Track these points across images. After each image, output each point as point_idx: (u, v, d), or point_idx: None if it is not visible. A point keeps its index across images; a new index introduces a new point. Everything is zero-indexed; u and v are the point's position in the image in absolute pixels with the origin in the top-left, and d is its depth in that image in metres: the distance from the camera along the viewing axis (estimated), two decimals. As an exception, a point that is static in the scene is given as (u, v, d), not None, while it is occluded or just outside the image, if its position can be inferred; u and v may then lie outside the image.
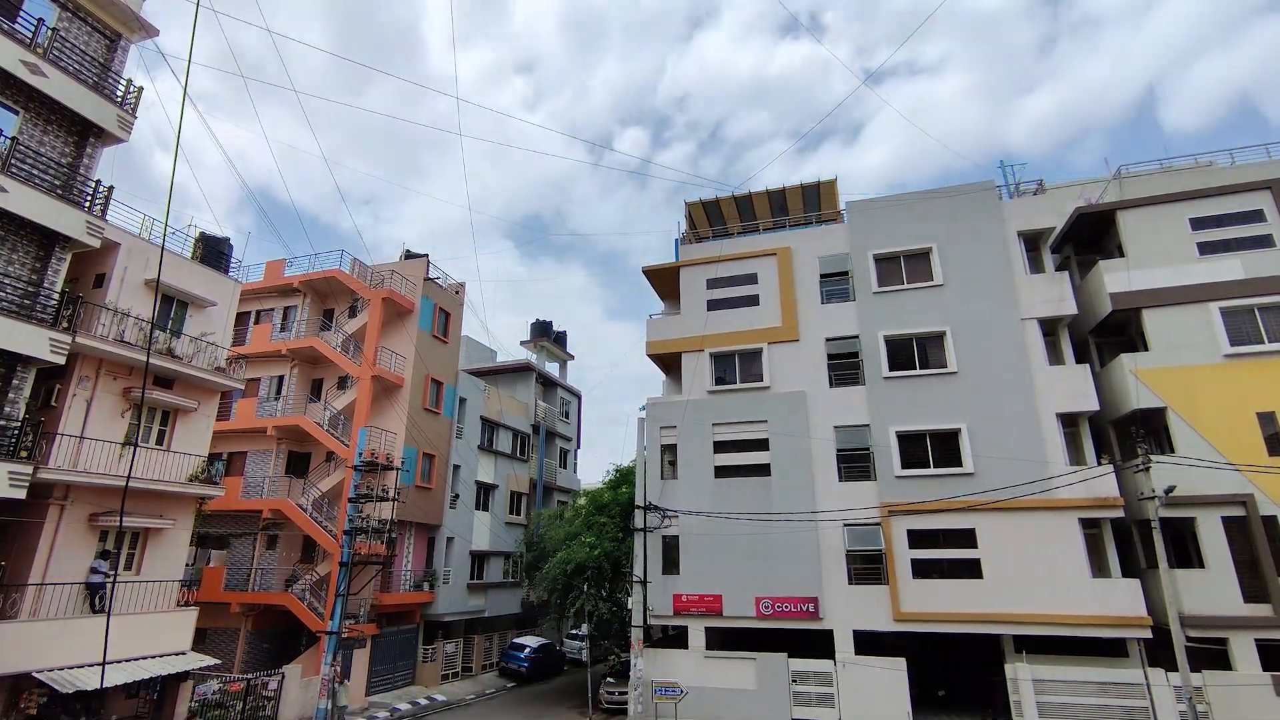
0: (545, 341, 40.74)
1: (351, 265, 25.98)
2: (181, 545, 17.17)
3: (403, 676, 24.52)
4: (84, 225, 14.28)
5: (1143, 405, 18.32)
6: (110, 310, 15.63)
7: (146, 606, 15.74)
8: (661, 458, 22.57)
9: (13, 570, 14.01)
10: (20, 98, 13.87)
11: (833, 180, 24.47)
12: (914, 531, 19.11)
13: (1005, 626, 17.74)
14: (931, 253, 21.27)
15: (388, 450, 23.82)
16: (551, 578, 23.37)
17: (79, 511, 14.87)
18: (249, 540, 24.19)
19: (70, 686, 12.80)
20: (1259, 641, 16.29)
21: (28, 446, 13.39)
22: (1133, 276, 19.55)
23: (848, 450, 20.49)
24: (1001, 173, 22.57)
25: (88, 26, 15.25)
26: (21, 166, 13.61)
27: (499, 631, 30.98)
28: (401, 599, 24.47)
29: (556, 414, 38.52)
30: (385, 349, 25.59)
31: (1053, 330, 20.27)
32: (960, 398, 19.67)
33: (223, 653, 21.78)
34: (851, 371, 21.33)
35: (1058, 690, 17.00)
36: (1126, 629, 16.93)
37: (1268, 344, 18.01)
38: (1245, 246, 18.98)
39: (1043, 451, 18.47)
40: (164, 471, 16.47)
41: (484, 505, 30.41)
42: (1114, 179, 21.39)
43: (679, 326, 23.75)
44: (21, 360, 13.45)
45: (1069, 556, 17.67)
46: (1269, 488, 16.90)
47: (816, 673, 18.84)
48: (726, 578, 20.22)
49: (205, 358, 17.77)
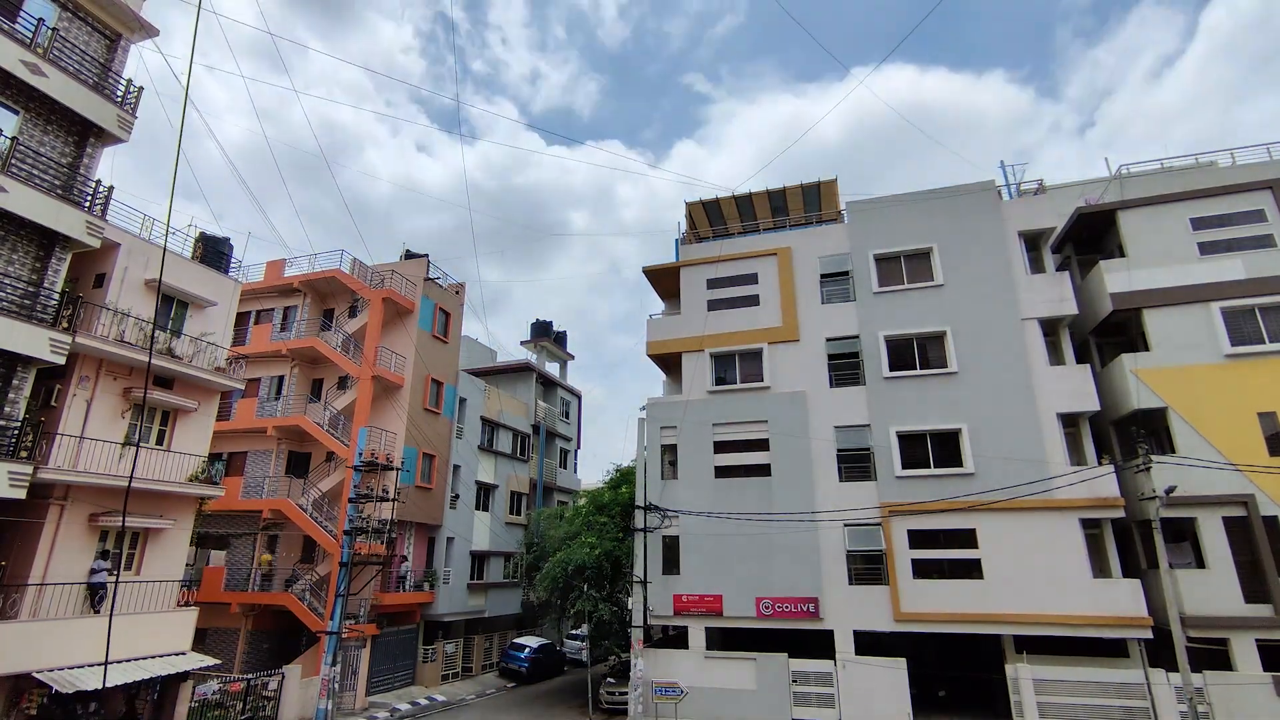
0: (545, 342, 40.75)
1: (351, 265, 25.97)
2: (181, 545, 17.16)
3: (403, 677, 24.51)
4: (84, 225, 14.28)
5: (1143, 405, 18.31)
6: (110, 310, 15.63)
7: (146, 606, 15.73)
8: (662, 458, 22.56)
9: (13, 570, 14.01)
10: (20, 98, 13.86)
11: (833, 180, 24.45)
12: (914, 531, 19.10)
13: (1006, 627, 17.74)
14: (932, 253, 21.26)
15: (388, 450, 23.83)
16: (552, 578, 23.36)
17: (79, 511, 14.86)
18: (249, 540, 24.20)
19: (70, 686, 12.79)
20: (1260, 642, 16.28)
21: (28, 446, 13.39)
22: (1133, 276, 19.54)
23: (848, 450, 20.47)
24: (1002, 172, 22.57)
25: (88, 26, 15.24)
26: (21, 166, 13.61)
27: (499, 632, 30.96)
28: (401, 599, 24.46)
29: (556, 414, 38.51)
30: (385, 349, 25.59)
31: (1053, 330, 20.26)
32: (961, 398, 19.66)
33: (223, 653, 21.79)
34: (852, 371, 21.32)
35: (1058, 690, 16.99)
36: (1127, 629, 16.93)
37: (1268, 344, 18.00)
38: (1246, 246, 18.97)
39: (1043, 451, 18.46)
40: (164, 471, 16.46)
41: (484, 505, 30.40)
42: (1114, 179, 21.37)
43: (679, 326, 23.74)
44: (21, 360, 13.45)
45: (1070, 556, 17.67)
46: (1269, 488, 16.90)
47: (817, 673, 18.83)
48: (727, 578, 20.21)
49: (205, 358, 17.75)
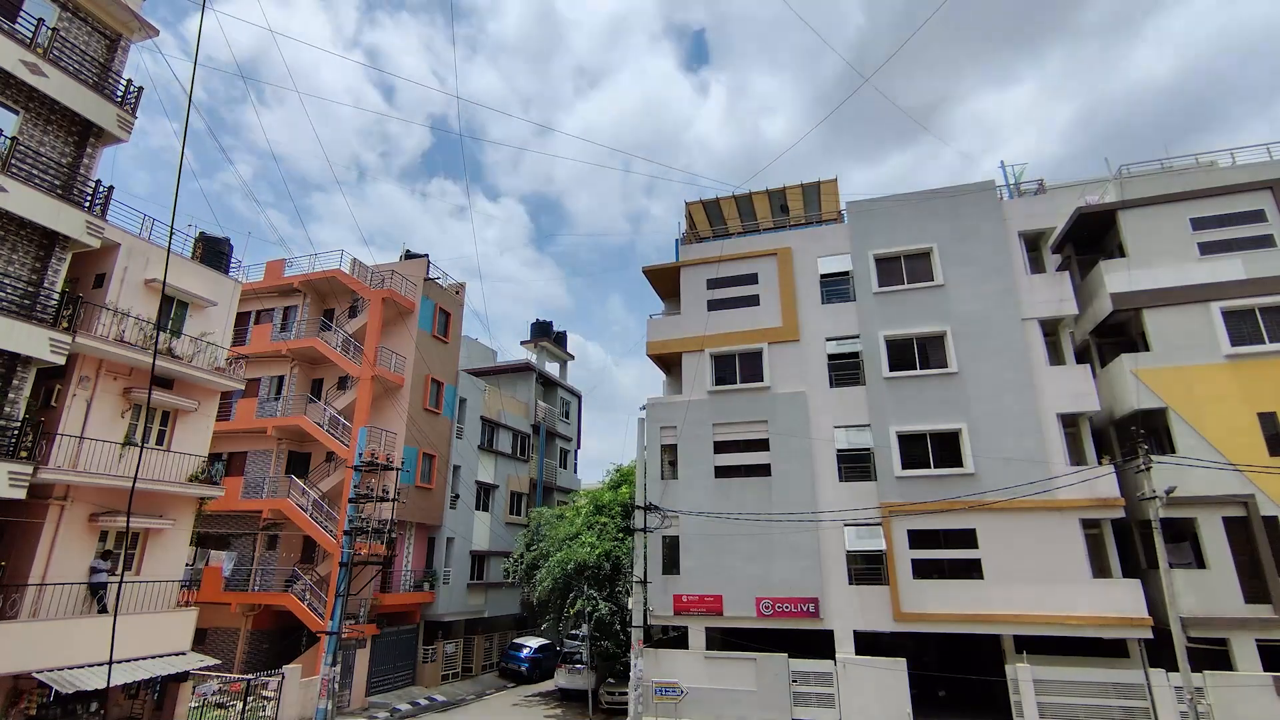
0: (545, 342, 40.74)
1: (351, 265, 25.96)
2: (181, 545, 17.16)
3: (403, 677, 24.51)
4: (84, 225, 14.27)
5: (1143, 405, 18.31)
6: (110, 310, 15.62)
7: (146, 607, 15.73)
8: (662, 458, 22.55)
9: (13, 570, 14.01)
10: (20, 98, 13.86)
11: (833, 180, 24.42)
12: (914, 532, 19.09)
13: (1006, 627, 17.74)
14: (932, 253, 21.24)
15: (388, 450, 23.83)
16: (552, 578, 23.37)
17: (79, 511, 14.86)
18: (249, 540, 24.20)
19: (70, 686, 12.78)
20: (1260, 642, 16.29)
21: (28, 446, 13.38)
22: (1134, 276, 19.54)
23: (848, 450, 20.47)
24: (1002, 172, 22.57)
25: (88, 26, 15.23)
26: (21, 166, 13.60)
27: (499, 632, 30.98)
28: (401, 599, 24.47)
29: (556, 414, 38.52)
30: (385, 349, 25.59)
31: (1053, 330, 20.25)
32: (961, 398, 19.65)
33: (223, 653, 21.81)
34: (852, 372, 21.31)
35: (1058, 690, 16.98)
36: (1127, 629, 16.93)
37: (1269, 344, 17.99)
38: (1246, 246, 18.96)
39: (1044, 452, 18.45)
40: (164, 472, 16.45)
41: (484, 505, 30.40)
42: (1115, 179, 21.35)
43: (679, 326, 23.72)
44: (21, 360, 13.45)
45: (1070, 557, 17.66)
46: (1270, 488, 16.90)
47: (817, 673, 18.82)
48: (727, 578, 20.21)
49: (205, 358, 17.75)
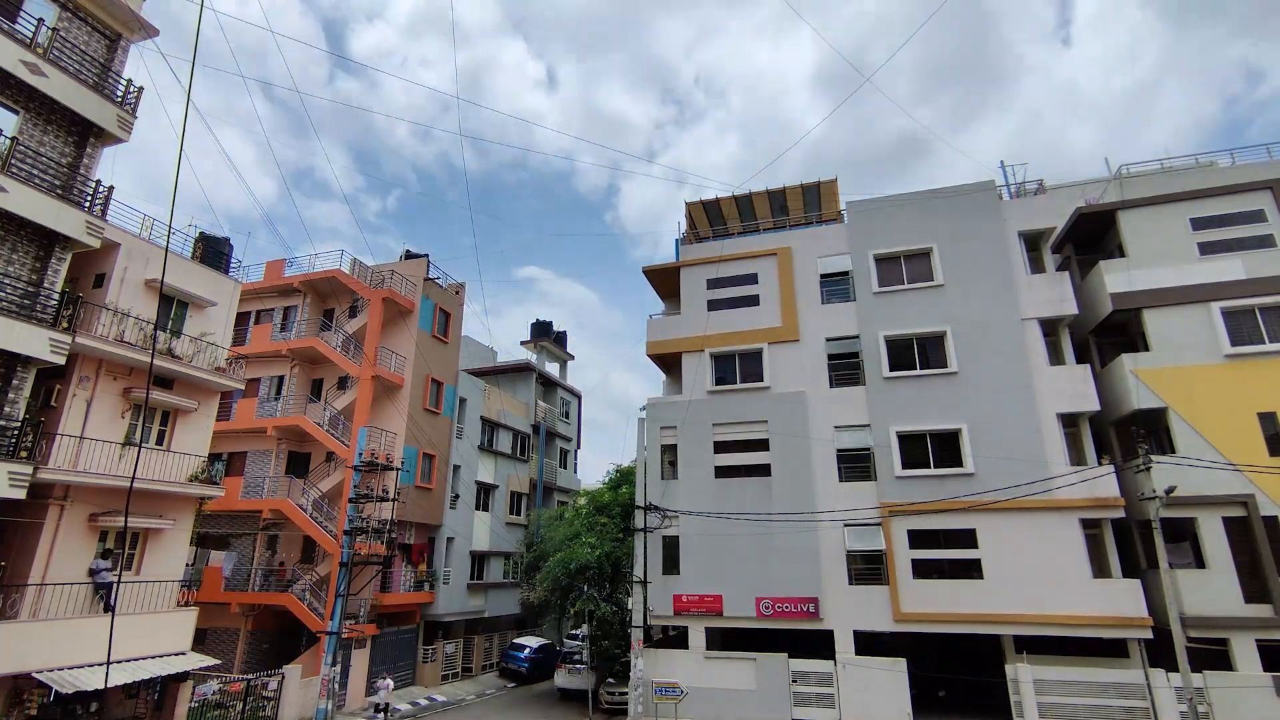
0: (545, 342, 40.74)
1: (351, 265, 25.96)
2: (181, 545, 17.17)
3: (403, 677, 24.50)
4: (84, 225, 14.28)
5: (1143, 405, 18.31)
6: (110, 310, 15.63)
7: (146, 607, 15.74)
8: (662, 458, 22.55)
9: (13, 570, 14.02)
10: (20, 98, 13.86)
11: (833, 180, 24.42)
12: (914, 532, 19.09)
13: (1006, 627, 17.74)
14: (932, 253, 21.25)
15: (388, 450, 23.83)
16: (552, 578, 23.36)
17: (79, 511, 14.87)
18: (249, 540, 24.19)
19: (70, 686, 12.79)
20: (1260, 642, 16.28)
21: (28, 446, 13.40)
22: (1133, 276, 19.53)
23: (848, 450, 20.47)
24: (1002, 172, 22.57)
25: (88, 26, 15.24)
26: (21, 166, 13.61)
27: (499, 632, 30.97)
28: (401, 599, 24.47)
29: (556, 414, 38.51)
30: (385, 349, 25.59)
31: (1053, 330, 20.25)
32: (961, 398, 19.65)
33: (223, 653, 21.79)
34: (852, 372, 21.31)
35: (1058, 690, 16.99)
36: (1127, 629, 16.93)
37: (1268, 344, 17.99)
38: (1246, 246, 18.96)
39: (1043, 452, 18.45)
40: (164, 472, 16.46)
41: (484, 505, 30.39)
42: (1114, 179, 21.36)
43: (679, 326, 23.73)
44: (21, 360, 13.45)
45: (1069, 557, 17.66)
46: (1270, 488, 16.89)
47: (817, 673, 18.83)
48: (727, 578, 20.20)
49: (205, 358, 17.75)
